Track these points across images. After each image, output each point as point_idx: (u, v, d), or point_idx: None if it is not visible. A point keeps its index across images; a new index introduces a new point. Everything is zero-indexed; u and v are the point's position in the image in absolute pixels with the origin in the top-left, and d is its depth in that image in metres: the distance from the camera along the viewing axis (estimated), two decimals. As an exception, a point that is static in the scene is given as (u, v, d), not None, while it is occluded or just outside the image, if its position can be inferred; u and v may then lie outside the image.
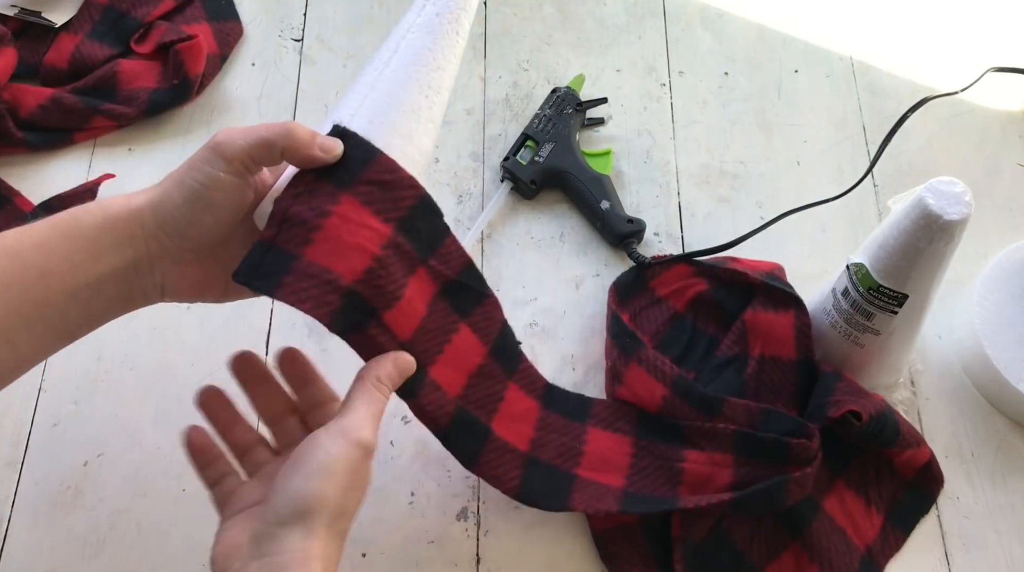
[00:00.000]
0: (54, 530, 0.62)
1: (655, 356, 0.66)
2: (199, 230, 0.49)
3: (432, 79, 0.56)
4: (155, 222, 0.48)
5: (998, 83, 0.78)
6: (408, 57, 0.56)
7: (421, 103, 0.55)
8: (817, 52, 0.86)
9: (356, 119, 0.53)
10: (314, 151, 0.49)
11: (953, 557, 0.64)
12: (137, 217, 0.48)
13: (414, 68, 0.56)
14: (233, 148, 0.48)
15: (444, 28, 0.57)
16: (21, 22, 0.79)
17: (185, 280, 0.51)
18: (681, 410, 0.64)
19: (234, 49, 0.83)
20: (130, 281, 0.49)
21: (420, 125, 0.55)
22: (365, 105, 0.54)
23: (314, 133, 0.50)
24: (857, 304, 0.63)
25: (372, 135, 0.52)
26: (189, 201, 0.48)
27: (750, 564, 0.62)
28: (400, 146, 0.54)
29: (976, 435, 0.69)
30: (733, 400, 0.63)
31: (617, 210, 0.74)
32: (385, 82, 0.55)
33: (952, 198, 0.56)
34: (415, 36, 0.56)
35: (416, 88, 0.55)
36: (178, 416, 0.66)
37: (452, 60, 0.58)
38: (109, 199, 0.49)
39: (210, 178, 0.48)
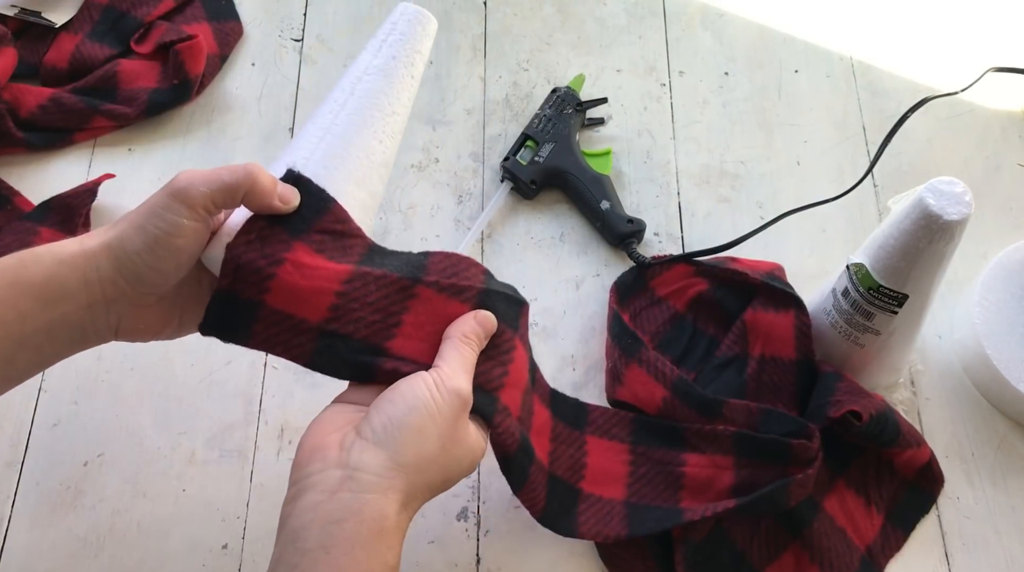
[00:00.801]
0: (54, 530, 0.62)
1: (656, 357, 0.66)
2: (159, 276, 0.48)
3: (387, 124, 0.56)
4: (112, 267, 0.47)
5: (998, 83, 0.78)
6: (364, 101, 0.56)
7: (375, 148, 0.56)
8: (817, 52, 0.86)
9: (311, 163, 0.53)
10: (274, 201, 0.49)
11: (953, 557, 0.64)
12: (92, 261, 0.47)
13: (369, 113, 0.56)
14: (195, 194, 0.47)
15: (400, 72, 0.57)
16: (21, 22, 0.79)
17: (141, 322, 0.51)
18: (681, 412, 0.64)
19: (234, 49, 0.83)
20: (84, 324, 0.49)
21: (373, 170, 0.56)
22: (320, 149, 0.54)
23: (275, 181, 0.50)
24: (857, 304, 0.63)
25: (326, 181, 0.52)
26: (150, 248, 0.47)
27: (750, 564, 0.62)
28: (353, 192, 0.54)
29: (976, 435, 0.69)
30: (733, 401, 0.63)
31: (617, 210, 0.74)
32: (340, 126, 0.55)
33: (952, 198, 0.56)
34: (371, 79, 0.57)
35: (371, 133, 0.56)
36: (178, 416, 0.66)
37: (406, 104, 0.58)
38: (60, 243, 0.48)
39: (172, 225, 0.47)
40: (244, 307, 0.49)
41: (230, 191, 0.48)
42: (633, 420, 0.65)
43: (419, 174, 0.77)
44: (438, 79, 0.82)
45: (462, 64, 0.83)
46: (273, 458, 0.65)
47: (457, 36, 0.84)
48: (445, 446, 0.47)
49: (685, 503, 0.61)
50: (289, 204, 0.50)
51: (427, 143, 0.79)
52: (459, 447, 0.48)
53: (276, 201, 0.49)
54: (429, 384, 0.47)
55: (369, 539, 0.43)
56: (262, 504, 0.63)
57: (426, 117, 0.80)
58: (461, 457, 0.48)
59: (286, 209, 0.50)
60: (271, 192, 0.49)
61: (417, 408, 0.46)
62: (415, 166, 0.78)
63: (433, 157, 0.78)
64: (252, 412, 0.66)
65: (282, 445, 0.66)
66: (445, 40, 0.84)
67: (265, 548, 0.62)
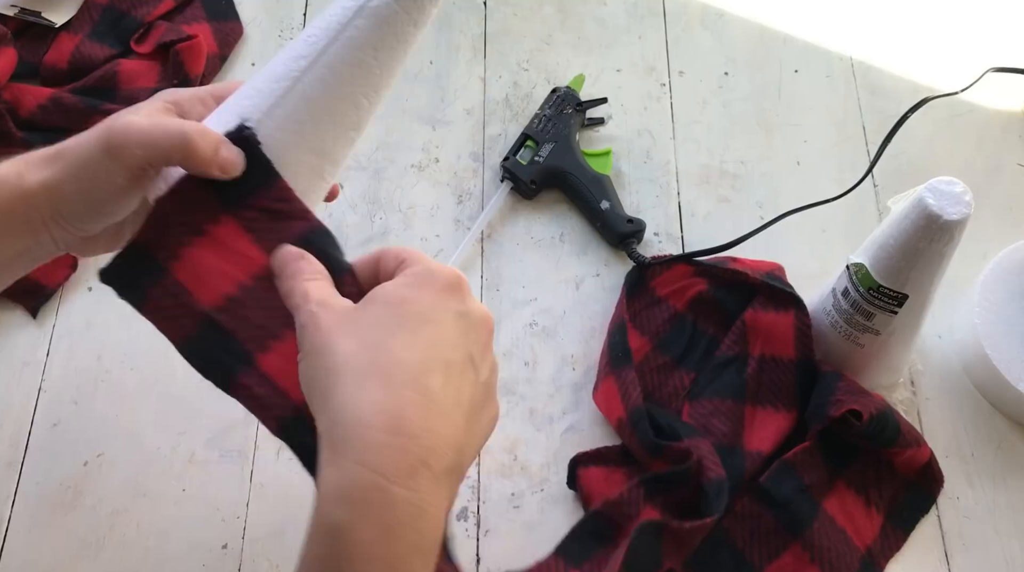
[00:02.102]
0: (54, 530, 0.62)
1: (631, 379, 0.66)
2: (98, 218, 0.46)
3: (370, 84, 0.47)
4: (51, 207, 0.45)
5: (998, 83, 0.78)
6: (347, 53, 0.46)
7: (348, 113, 0.47)
8: (817, 52, 0.86)
9: (267, 124, 0.46)
10: (212, 169, 0.45)
11: (953, 557, 0.64)
12: (32, 202, 0.44)
13: (351, 71, 0.46)
14: (128, 156, 0.43)
15: (400, 19, 0.46)
16: (21, 22, 0.79)
17: (90, 247, 0.49)
18: (629, 439, 0.65)
19: (234, 49, 0.83)
20: (33, 253, 0.47)
21: (340, 137, 0.48)
22: (281, 107, 0.46)
23: (217, 145, 0.44)
24: (857, 304, 0.63)
25: (281, 149, 0.46)
26: (85, 197, 0.45)
27: (750, 564, 0.62)
28: (311, 162, 0.47)
29: (976, 435, 0.69)
30: (674, 446, 0.62)
31: (617, 210, 0.74)
32: (311, 82, 0.46)
33: (952, 198, 0.56)
34: (364, 24, 0.45)
35: (347, 96, 0.47)
36: (178, 416, 0.66)
37: (401, 58, 0.48)
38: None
39: (106, 182, 0.44)
40: (150, 267, 0.45)
41: (164, 155, 0.44)
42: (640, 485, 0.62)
43: (419, 174, 0.77)
44: (438, 79, 0.82)
45: (462, 64, 0.83)
46: (273, 458, 0.65)
47: (457, 36, 0.84)
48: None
49: None
50: (229, 174, 0.45)
51: (427, 143, 0.79)
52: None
53: (215, 170, 0.45)
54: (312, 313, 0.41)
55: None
56: (262, 504, 0.63)
57: (426, 117, 0.80)
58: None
59: (226, 177, 0.45)
60: (209, 161, 0.44)
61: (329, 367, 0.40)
62: (415, 166, 0.78)
63: (433, 157, 0.78)
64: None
65: (282, 445, 0.65)
66: (445, 40, 0.84)
67: (265, 548, 0.62)
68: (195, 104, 0.49)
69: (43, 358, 0.68)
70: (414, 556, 0.37)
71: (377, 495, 0.36)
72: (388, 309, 0.41)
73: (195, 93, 0.50)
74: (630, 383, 0.66)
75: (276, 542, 0.62)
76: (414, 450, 0.38)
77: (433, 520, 0.38)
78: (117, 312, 0.70)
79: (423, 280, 0.42)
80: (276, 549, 0.62)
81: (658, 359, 0.70)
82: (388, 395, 0.38)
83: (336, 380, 0.39)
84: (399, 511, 0.37)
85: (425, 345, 0.41)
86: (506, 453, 0.66)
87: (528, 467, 0.66)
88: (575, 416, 0.68)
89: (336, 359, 0.40)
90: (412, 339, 0.40)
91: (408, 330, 0.41)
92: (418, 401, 0.39)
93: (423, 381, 0.39)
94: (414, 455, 0.38)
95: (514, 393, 0.69)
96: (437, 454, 0.39)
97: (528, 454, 0.66)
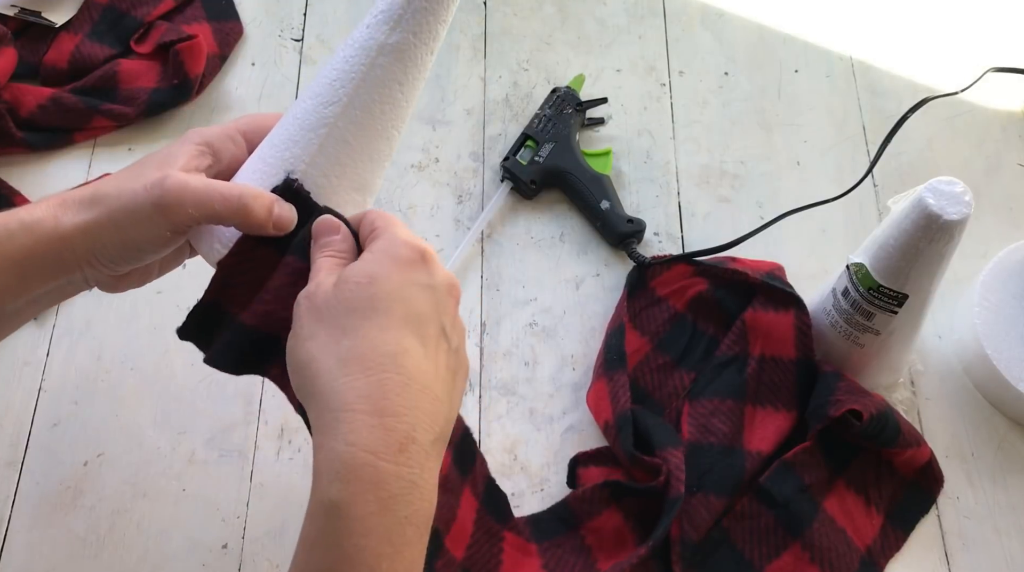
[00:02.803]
0: (54, 530, 0.62)
1: (622, 384, 0.66)
2: (135, 262, 0.48)
3: (400, 116, 0.48)
4: (87, 251, 0.46)
5: (998, 83, 0.78)
6: (375, 93, 0.47)
7: (382, 149, 0.49)
8: (817, 52, 0.86)
9: (310, 173, 0.48)
10: (268, 230, 0.46)
11: (953, 557, 0.64)
12: (68, 244, 0.45)
13: (380, 108, 0.47)
14: (182, 215, 0.45)
15: (420, 52, 0.47)
16: (21, 22, 0.79)
17: (121, 284, 0.51)
18: (613, 443, 0.65)
19: (234, 49, 0.82)
20: (63, 290, 0.49)
21: (377, 170, 0.50)
22: (322, 154, 0.48)
23: (270, 207, 0.46)
24: (857, 304, 0.63)
25: (329, 193, 0.48)
26: (124, 246, 0.46)
27: (750, 564, 0.62)
28: (356, 200, 0.50)
29: (976, 435, 0.69)
30: (647, 460, 0.62)
31: (617, 210, 0.74)
32: (346, 125, 0.47)
33: (952, 198, 0.56)
34: (386, 63, 0.47)
35: (380, 132, 0.48)
36: (178, 416, 0.66)
37: (421, 85, 0.50)
38: (32, 216, 0.46)
39: (153, 235, 0.46)
40: (224, 318, 0.47)
41: (219, 218, 0.46)
42: (605, 486, 0.63)
43: (419, 174, 0.77)
44: (438, 79, 0.82)
45: (462, 64, 0.83)
46: (273, 458, 0.65)
47: (457, 36, 0.84)
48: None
49: (601, 564, 0.60)
50: (284, 231, 0.47)
51: (427, 143, 0.79)
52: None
53: (271, 230, 0.46)
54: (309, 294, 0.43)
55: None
56: (262, 504, 0.63)
57: (426, 117, 0.80)
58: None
59: (280, 234, 0.47)
60: (264, 223, 0.46)
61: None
62: (415, 166, 0.78)
63: (433, 157, 0.78)
64: (252, 412, 0.66)
65: (282, 445, 0.66)
66: (445, 40, 0.84)
67: (265, 548, 0.62)
68: (226, 143, 0.50)
69: (43, 358, 0.68)
70: (407, 527, 0.39)
71: (369, 472, 0.38)
72: (360, 289, 0.42)
73: (224, 131, 0.51)
74: (620, 387, 0.66)
75: (276, 542, 0.62)
76: (400, 428, 0.39)
77: (425, 492, 0.40)
78: (117, 312, 0.70)
79: (388, 257, 0.44)
80: (276, 549, 0.62)
81: (658, 359, 0.70)
82: (369, 380, 0.40)
83: (318, 368, 0.41)
84: (391, 486, 0.38)
85: (399, 325, 0.42)
86: (506, 453, 0.66)
87: (528, 467, 0.66)
88: (575, 416, 0.68)
89: (316, 347, 0.41)
90: (386, 321, 0.42)
91: (380, 312, 0.42)
92: (398, 381, 0.40)
93: (400, 361, 0.41)
94: (401, 432, 0.39)
95: (514, 393, 0.69)
96: (423, 428, 0.40)
97: (528, 454, 0.66)
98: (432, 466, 0.41)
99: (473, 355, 0.70)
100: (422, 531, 0.40)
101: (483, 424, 0.67)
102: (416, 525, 0.40)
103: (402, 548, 0.39)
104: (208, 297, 0.48)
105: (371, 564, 0.38)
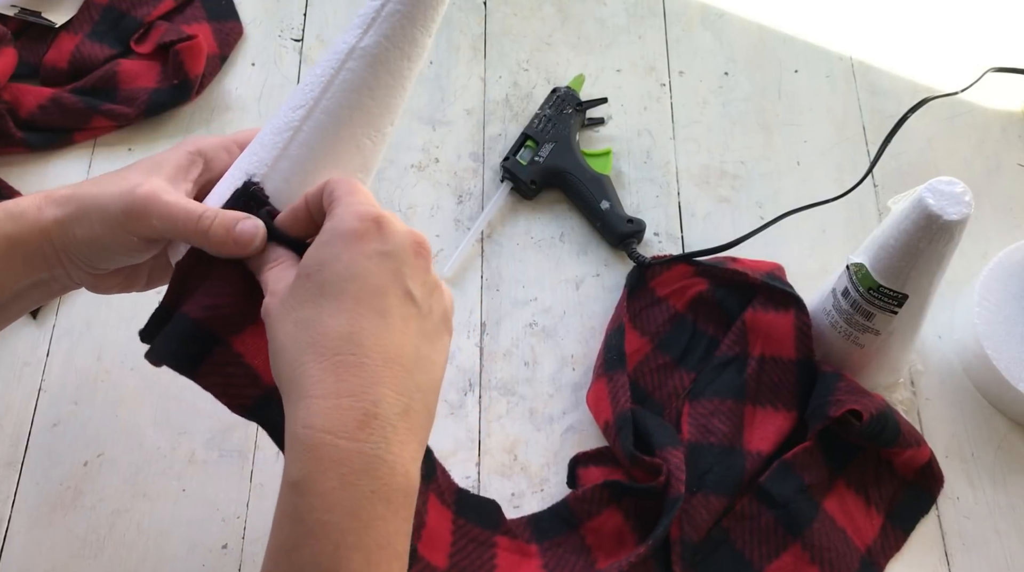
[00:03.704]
0: (54, 530, 0.62)
1: (622, 384, 0.66)
2: (107, 263, 0.48)
3: (371, 124, 0.47)
4: (62, 245, 0.47)
5: (998, 83, 0.78)
6: (343, 98, 0.46)
7: (352, 155, 0.47)
8: (817, 52, 0.86)
9: (271, 177, 0.46)
10: (229, 250, 0.46)
11: (953, 557, 0.64)
12: (47, 236, 0.46)
13: (349, 113, 0.46)
14: (147, 226, 0.45)
15: (393, 56, 0.46)
16: (21, 22, 0.79)
17: (103, 285, 0.51)
18: (613, 443, 0.65)
19: (234, 49, 0.82)
20: (49, 286, 0.49)
21: (349, 177, 0.47)
22: (285, 158, 0.46)
23: (230, 227, 0.45)
24: (857, 304, 0.63)
25: (287, 200, 0.46)
26: (91, 245, 0.47)
27: (750, 564, 0.62)
28: None
29: (976, 435, 0.69)
30: (647, 459, 0.62)
31: (617, 210, 0.74)
32: (310, 130, 0.46)
33: (952, 198, 0.56)
34: (355, 67, 0.46)
35: (348, 138, 0.47)
36: (178, 416, 0.66)
37: (400, 93, 0.47)
38: (17, 207, 0.47)
39: (118, 238, 0.46)
40: (202, 336, 0.45)
41: (182, 235, 0.46)
42: (605, 486, 0.63)
43: (419, 174, 0.77)
44: (438, 79, 0.82)
45: (462, 64, 0.83)
46: (273, 458, 0.65)
47: (457, 36, 0.84)
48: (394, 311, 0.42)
49: (600, 564, 0.60)
50: (247, 250, 0.46)
51: (427, 143, 0.79)
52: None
53: (232, 249, 0.46)
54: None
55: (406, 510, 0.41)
56: (262, 504, 0.63)
57: (426, 117, 0.80)
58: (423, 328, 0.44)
59: (245, 254, 0.46)
60: (224, 243, 0.45)
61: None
62: (415, 166, 0.78)
63: (433, 157, 0.78)
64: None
65: (282, 445, 0.66)
66: (445, 40, 0.84)
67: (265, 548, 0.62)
68: (219, 152, 0.50)
69: (43, 358, 0.68)
70: (375, 501, 0.39)
71: (327, 451, 0.39)
72: (311, 280, 0.42)
73: (221, 142, 0.51)
74: (620, 387, 0.66)
75: (276, 542, 0.62)
76: (357, 406, 0.40)
77: (393, 466, 0.40)
78: (117, 312, 0.70)
79: (335, 235, 0.43)
80: (276, 549, 0.62)
81: (658, 359, 0.70)
82: (322, 365, 0.40)
83: (280, 363, 0.42)
84: (352, 461, 0.39)
85: (351, 305, 0.42)
86: (506, 453, 0.66)
87: (528, 467, 0.66)
88: (575, 416, 0.68)
89: (277, 343, 0.42)
90: (337, 304, 0.41)
91: (330, 296, 0.42)
92: (353, 361, 0.40)
93: (356, 340, 0.41)
94: (359, 410, 0.40)
95: (514, 393, 0.69)
96: (385, 403, 0.40)
97: (528, 454, 0.66)
98: (402, 439, 0.41)
99: (473, 355, 0.70)
100: (396, 505, 0.40)
101: (483, 424, 0.67)
102: (386, 499, 0.39)
103: (372, 522, 0.39)
104: (167, 300, 0.47)
105: (335, 539, 0.38)
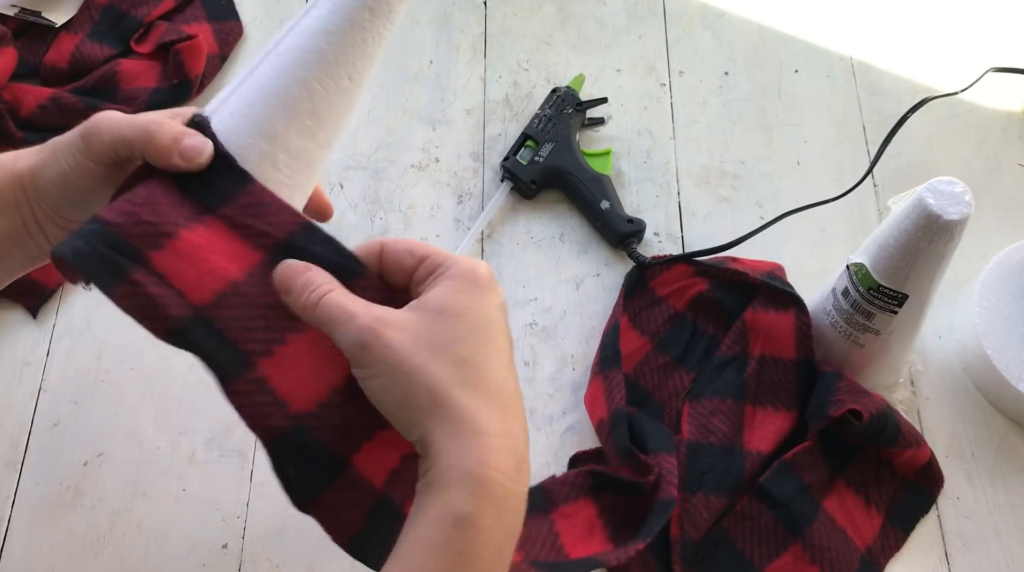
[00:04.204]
0: (54, 530, 0.62)
1: (617, 382, 0.66)
2: (75, 207, 0.48)
3: (324, 70, 0.47)
4: (33, 191, 0.48)
5: (998, 83, 0.78)
6: (299, 41, 0.47)
7: (301, 99, 0.47)
8: (817, 52, 0.86)
9: (219, 111, 0.47)
10: (174, 159, 0.45)
11: (953, 557, 0.64)
12: (19, 182, 0.47)
13: (301, 55, 0.47)
14: (97, 142, 0.46)
15: (352, 4, 0.47)
16: (21, 22, 0.79)
17: None
18: (606, 441, 0.65)
19: (234, 49, 0.83)
20: (26, 242, 0.49)
21: (293, 123, 0.47)
22: (236, 94, 0.47)
23: (177, 136, 0.45)
24: (857, 304, 0.63)
25: (227, 133, 0.46)
26: (59, 184, 0.47)
27: (750, 564, 0.62)
28: (261, 147, 0.47)
29: (976, 435, 0.69)
30: (640, 457, 0.62)
31: (617, 210, 0.74)
32: (262, 69, 0.47)
33: (952, 198, 0.56)
34: (316, 14, 0.47)
35: (298, 82, 0.47)
36: (178, 416, 0.66)
37: (359, 45, 0.48)
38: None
39: (79, 165, 0.46)
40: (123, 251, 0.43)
41: (128, 145, 0.46)
42: (589, 475, 0.63)
43: (419, 174, 0.77)
44: (438, 79, 0.82)
45: (462, 64, 0.83)
46: (273, 458, 0.65)
47: (457, 36, 0.84)
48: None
49: (569, 550, 0.60)
50: (193, 162, 0.45)
51: (427, 143, 0.79)
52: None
53: (176, 159, 0.45)
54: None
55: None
56: (262, 504, 0.63)
57: (426, 117, 0.80)
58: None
59: (191, 167, 0.45)
60: (169, 151, 0.45)
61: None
62: (415, 166, 0.78)
63: (433, 157, 0.78)
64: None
65: (282, 445, 0.65)
66: (445, 40, 0.84)
67: (265, 548, 0.62)
68: None
69: (43, 358, 0.68)
70: (513, 539, 0.43)
71: (495, 488, 0.41)
72: (459, 321, 0.43)
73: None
74: (615, 385, 0.66)
75: (276, 542, 0.62)
76: (515, 448, 0.43)
77: (525, 508, 0.44)
78: (117, 312, 0.70)
79: (471, 284, 0.45)
80: (276, 549, 0.62)
81: (658, 359, 0.70)
82: (492, 406, 0.43)
83: (444, 399, 0.42)
84: (510, 502, 0.42)
85: (497, 351, 0.44)
86: (506, 453, 0.66)
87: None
88: (575, 416, 0.68)
89: (434, 378, 0.42)
90: (490, 349, 0.44)
91: (482, 340, 0.44)
92: (510, 405, 0.44)
93: (509, 387, 0.44)
94: (516, 453, 0.43)
95: (514, 393, 0.69)
96: (525, 447, 0.44)
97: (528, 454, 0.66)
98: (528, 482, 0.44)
99: (473, 355, 0.70)
100: (515, 542, 0.43)
101: (483, 424, 0.67)
102: (516, 536, 0.43)
103: (506, 559, 0.42)
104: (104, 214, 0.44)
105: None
